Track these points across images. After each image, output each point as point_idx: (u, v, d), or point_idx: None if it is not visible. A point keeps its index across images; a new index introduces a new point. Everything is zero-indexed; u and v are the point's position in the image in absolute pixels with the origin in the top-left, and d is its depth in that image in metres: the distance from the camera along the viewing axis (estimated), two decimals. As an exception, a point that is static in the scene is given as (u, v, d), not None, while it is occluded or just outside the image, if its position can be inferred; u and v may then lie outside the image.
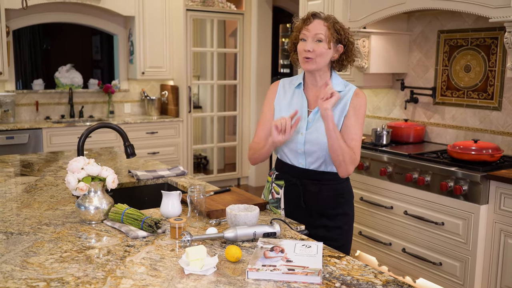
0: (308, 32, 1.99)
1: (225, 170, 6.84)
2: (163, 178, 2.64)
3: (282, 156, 2.14)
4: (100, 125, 2.20)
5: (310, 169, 2.06)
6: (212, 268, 1.45)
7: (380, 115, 4.34)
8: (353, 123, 2.02)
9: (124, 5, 5.52)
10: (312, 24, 1.99)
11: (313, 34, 1.98)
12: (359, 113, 2.04)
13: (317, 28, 1.98)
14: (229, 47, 7.15)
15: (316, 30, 1.98)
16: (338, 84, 2.07)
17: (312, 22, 1.99)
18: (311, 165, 2.05)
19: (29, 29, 7.44)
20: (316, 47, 1.98)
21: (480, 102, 3.56)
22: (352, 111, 2.03)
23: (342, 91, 2.06)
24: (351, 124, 2.02)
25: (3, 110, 5.06)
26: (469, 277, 3.01)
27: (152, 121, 5.59)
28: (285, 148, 2.09)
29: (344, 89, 2.07)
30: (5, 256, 1.55)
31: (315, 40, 1.98)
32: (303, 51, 2.00)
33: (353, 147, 2.01)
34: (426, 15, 3.87)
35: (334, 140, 1.93)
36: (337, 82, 2.07)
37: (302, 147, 2.04)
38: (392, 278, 1.42)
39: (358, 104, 2.04)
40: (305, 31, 2.00)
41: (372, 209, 3.62)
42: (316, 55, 1.98)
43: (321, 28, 1.98)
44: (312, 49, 1.98)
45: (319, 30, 1.98)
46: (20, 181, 2.55)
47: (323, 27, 1.98)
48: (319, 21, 2.00)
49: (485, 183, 2.91)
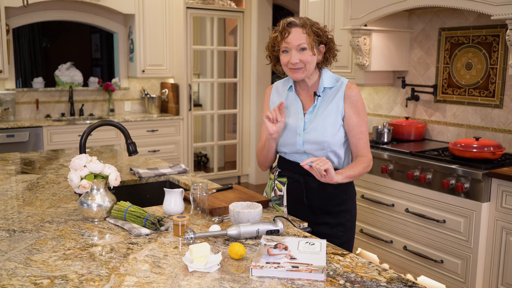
0: (289, 44, 1.95)
1: (225, 168, 6.84)
2: (164, 175, 2.64)
3: (285, 154, 2.14)
4: (102, 122, 2.19)
5: None
6: (216, 266, 1.45)
7: (381, 113, 4.34)
8: (356, 122, 2.02)
9: (124, 3, 5.52)
10: (292, 35, 1.94)
11: (295, 45, 1.95)
12: (359, 108, 2.02)
13: (297, 38, 1.94)
14: (229, 45, 7.14)
15: (298, 41, 1.94)
16: (328, 81, 2.05)
17: (290, 33, 1.95)
18: None
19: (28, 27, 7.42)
20: (302, 56, 1.95)
21: (481, 99, 3.56)
22: (351, 109, 2.02)
23: (333, 87, 2.05)
24: (354, 123, 2.02)
25: (3, 108, 5.05)
26: (471, 274, 3.01)
27: (153, 119, 5.59)
28: (287, 150, 2.09)
29: (336, 84, 2.05)
30: (9, 254, 1.54)
31: (299, 50, 1.96)
32: (289, 63, 1.97)
33: (361, 146, 2.03)
34: (427, 12, 3.86)
35: (355, 178, 2.01)
36: (327, 79, 2.06)
37: (301, 147, 2.04)
38: (396, 275, 1.42)
39: (354, 99, 2.02)
40: (285, 44, 1.96)
41: (374, 206, 3.62)
42: (304, 63, 1.97)
43: (301, 37, 1.94)
44: (298, 60, 1.95)
45: (300, 40, 1.94)
46: (22, 179, 2.55)
47: (302, 35, 1.95)
48: (297, 29, 1.95)
49: (486, 180, 2.91)
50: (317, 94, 2.04)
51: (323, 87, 2.04)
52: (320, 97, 2.04)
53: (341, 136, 2.03)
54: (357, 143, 2.03)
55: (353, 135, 2.03)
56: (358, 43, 3.76)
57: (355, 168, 1.98)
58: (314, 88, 2.07)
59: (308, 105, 2.07)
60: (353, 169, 1.98)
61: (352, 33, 3.80)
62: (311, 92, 2.08)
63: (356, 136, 2.03)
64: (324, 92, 2.05)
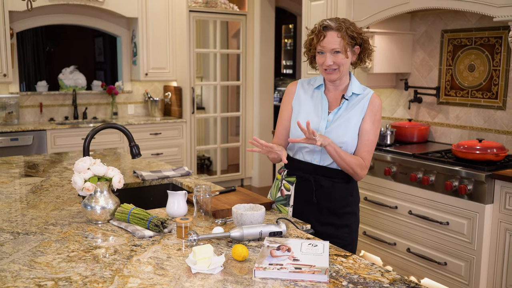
0: (323, 48, 2.01)
1: (229, 171, 6.84)
2: (168, 178, 2.65)
3: (295, 154, 2.15)
4: (106, 125, 2.20)
5: (323, 166, 2.07)
6: (219, 267, 1.46)
7: (384, 115, 4.34)
8: (368, 129, 2.06)
9: (127, 7, 5.54)
10: (326, 39, 2.00)
11: (330, 48, 2.00)
12: (376, 118, 2.08)
13: (331, 42, 1.99)
14: (232, 48, 7.15)
15: (332, 45, 1.99)
16: (356, 87, 2.11)
17: (326, 36, 2.00)
18: (325, 161, 2.07)
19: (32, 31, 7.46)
20: (335, 59, 2.01)
21: (484, 101, 3.56)
22: (370, 116, 2.07)
23: (360, 94, 2.10)
24: (366, 129, 2.07)
25: (7, 112, 5.08)
26: (474, 277, 3.00)
27: (156, 122, 5.60)
28: (302, 146, 2.10)
29: (363, 92, 2.11)
30: (13, 256, 1.55)
31: (333, 53, 2.01)
32: (324, 65, 2.03)
33: (364, 152, 2.07)
34: (430, 14, 3.86)
35: (339, 162, 2.02)
36: (355, 85, 2.11)
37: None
38: (399, 277, 1.42)
39: (375, 108, 2.08)
40: (320, 47, 2.02)
41: (377, 209, 3.61)
42: (338, 65, 2.02)
43: (335, 41, 1.99)
44: (332, 63, 2.01)
45: (335, 44, 1.99)
46: (26, 182, 2.56)
47: (337, 39, 1.99)
48: (332, 33, 2.00)
49: (490, 182, 2.91)
50: (345, 97, 2.08)
51: (351, 92, 2.09)
52: (347, 101, 2.08)
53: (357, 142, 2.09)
54: (361, 148, 2.07)
55: (361, 140, 2.07)
56: (360, 45, 3.76)
57: (346, 153, 2.02)
58: (342, 92, 2.12)
59: (333, 105, 2.12)
60: (343, 151, 2.02)
61: (355, 35, 3.80)
62: (338, 95, 2.12)
63: (363, 142, 2.07)
64: (351, 97, 2.10)
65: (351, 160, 2.02)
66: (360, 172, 2.06)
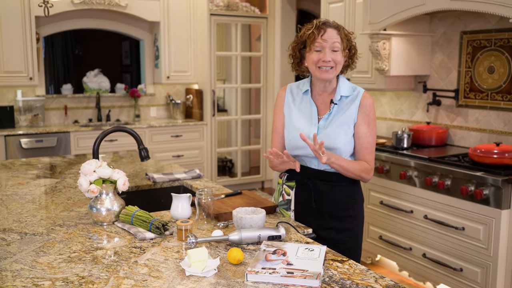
0: (325, 42, 1.99)
1: (250, 173, 6.86)
2: (178, 181, 2.68)
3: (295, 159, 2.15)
4: (114, 129, 2.25)
5: (322, 170, 2.06)
6: (213, 270, 1.47)
7: (403, 118, 4.29)
8: (364, 132, 2.04)
9: (149, 11, 5.63)
10: (327, 33, 1.99)
11: (330, 43, 1.99)
12: (370, 119, 2.05)
13: (333, 37, 1.99)
14: (256, 51, 7.17)
15: (333, 39, 1.99)
16: (345, 89, 2.08)
17: (326, 32, 1.99)
18: (323, 165, 2.06)
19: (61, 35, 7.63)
20: (334, 56, 2.00)
21: (504, 104, 3.47)
22: (363, 118, 2.04)
23: (350, 96, 2.07)
24: (363, 132, 2.04)
25: (33, 114, 5.23)
26: (491, 283, 2.93)
27: (177, 125, 5.67)
28: (298, 153, 2.09)
29: (352, 93, 2.08)
30: (17, 256, 1.61)
31: (332, 50, 1.99)
32: (321, 62, 2.00)
33: (365, 155, 2.05)
34: (449, 16, 3.80)
35: (345, 173, 2.02)
36: (344, 87, 2.08)
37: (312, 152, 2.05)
38: (392, 283, 1.41)
39: (367, 109, 2.05)
40: (321, 41, 1.99)
41: (392, 213, 3.57)
42: (335, 63, 2.01)
43: (335, 37, 1.99)
44: (330, 59, 1.99)
45: (335, 39, 1.99)
46: (41, 183, 2.64)
47: (337, 36, 1.99)
48: (331, 30, 2.00)
49: (506, 187, 2.84)
50: (334, 102, 2.06)
51: (339, 95, 2.07)
52: (336, 105, 2.06)
53: (352, 146, 2.06)
54: (361, 151, 2.06)
55: (359, 144, 2.05)
56: (377, 47, 3.73)
57: (350, 163, 2.01)
58: (330, 95, 2.09)
59: (323, 111, 2.09)
60: (347, 161, 2.00)
61: (371, 37, 3.77)
62: (327, 98, 2.09)
63: (362, 145, 2.05)
64: (340, 101, 2.07)
65: (356, 168, 2.01)
66: (366, 176, 2.05)
